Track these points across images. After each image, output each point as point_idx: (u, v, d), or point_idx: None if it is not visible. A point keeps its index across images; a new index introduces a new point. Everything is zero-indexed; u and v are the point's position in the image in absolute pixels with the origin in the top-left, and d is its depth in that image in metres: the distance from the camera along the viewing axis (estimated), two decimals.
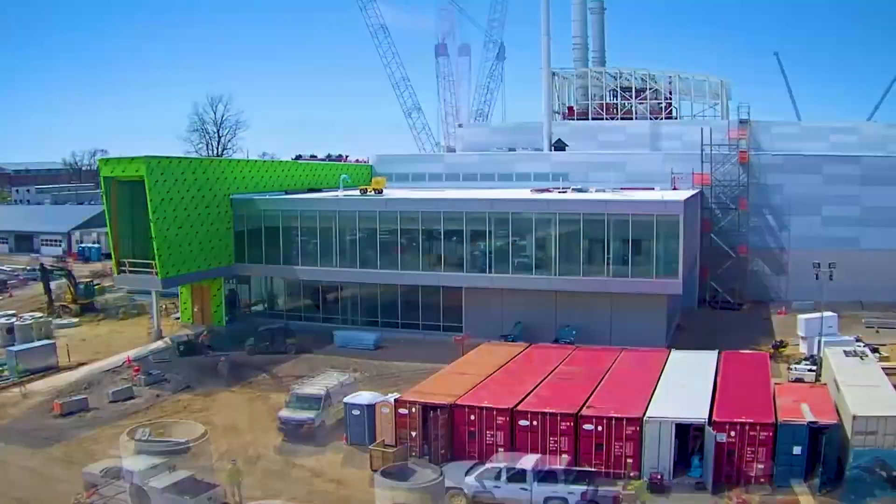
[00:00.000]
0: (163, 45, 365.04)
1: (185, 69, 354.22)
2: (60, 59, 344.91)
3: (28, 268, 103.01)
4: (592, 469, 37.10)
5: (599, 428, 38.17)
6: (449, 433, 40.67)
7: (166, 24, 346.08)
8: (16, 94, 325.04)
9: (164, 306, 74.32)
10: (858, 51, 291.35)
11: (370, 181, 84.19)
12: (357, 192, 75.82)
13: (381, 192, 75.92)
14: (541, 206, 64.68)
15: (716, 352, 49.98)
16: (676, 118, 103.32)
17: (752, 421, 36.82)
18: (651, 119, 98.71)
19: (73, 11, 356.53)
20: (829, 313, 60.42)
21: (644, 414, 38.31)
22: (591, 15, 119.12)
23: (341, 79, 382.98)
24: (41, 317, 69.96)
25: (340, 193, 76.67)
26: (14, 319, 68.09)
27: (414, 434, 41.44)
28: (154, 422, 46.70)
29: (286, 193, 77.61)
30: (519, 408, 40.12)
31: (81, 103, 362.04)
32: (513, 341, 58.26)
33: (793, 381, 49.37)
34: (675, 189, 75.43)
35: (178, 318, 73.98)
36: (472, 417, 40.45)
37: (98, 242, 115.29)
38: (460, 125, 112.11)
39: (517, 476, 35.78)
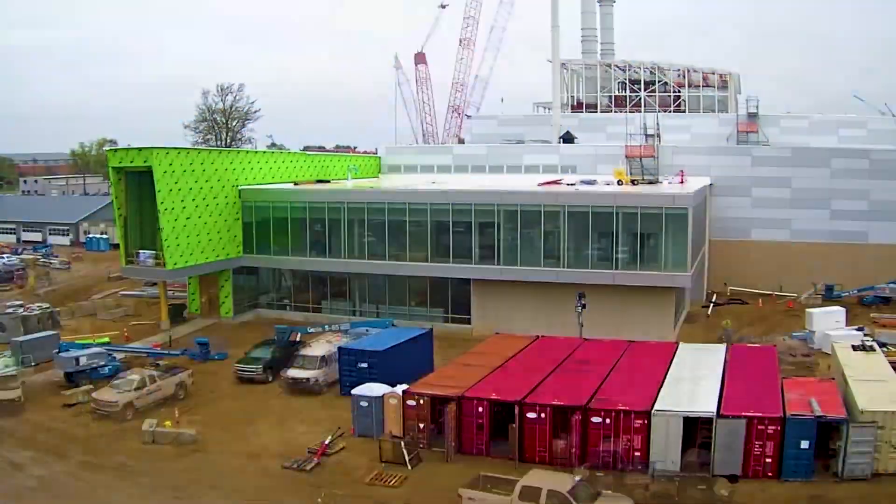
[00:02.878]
0: (170, 36, 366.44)
1: (194, 60, 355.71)
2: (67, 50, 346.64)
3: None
4: None
5: (608, 420, 38.17)
6: (458, 425, 40.68)
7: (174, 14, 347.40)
8: (22, 85, 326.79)
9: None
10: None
11: (378, 172, 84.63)
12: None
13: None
14: (550, 199, 64.68)
15: (724, 345, 49.98)
16: (685, 111, 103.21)
17: (760, 415, 36.81)
18: (660, 112, 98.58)
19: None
20: (837, 308, 60.50)
21: (652, 407, 38.32)
22: (600, 7, 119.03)
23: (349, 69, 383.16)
24: (48, 307, 70.13)
25: (349, 184, 76.77)
26: (21, 310, 68.24)
27: (422, 426, 41.55)
28: None
29: (294, 185, 77.60)
30: (527, 400, 40.15)
31: (89, 93, 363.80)
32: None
33: None
34: (682, 182, 75.29)
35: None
36: (481, 409, 40.50)
37: (106, 233, 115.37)
38: (469, 116, 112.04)
39: None
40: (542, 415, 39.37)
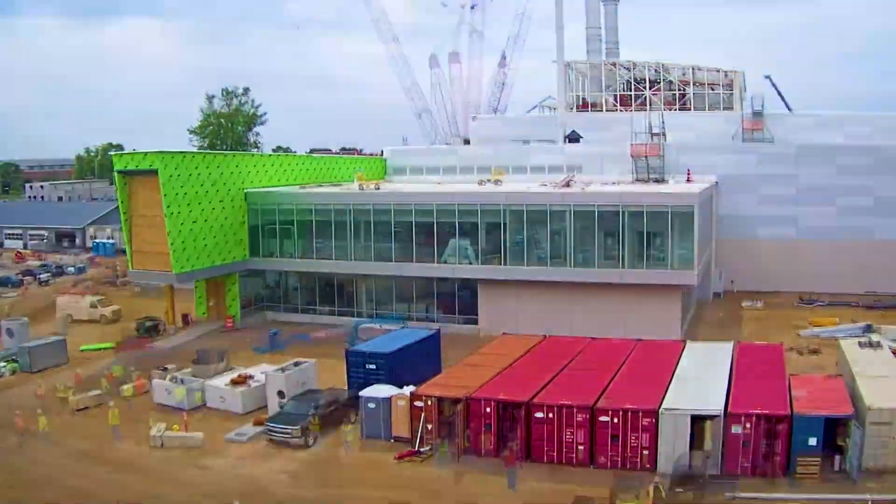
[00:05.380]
0: (174, 38, 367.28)
1: (198, 63, 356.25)
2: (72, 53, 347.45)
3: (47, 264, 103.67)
4: None
5: (615, 420, 38.15)
6: (465, 426, 40.71)
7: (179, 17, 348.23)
8: (26, 89, 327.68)
9: None
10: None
11: (384, 174, 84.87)
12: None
13: (499, 182, 77.70)
14: (555, 199, 64.75)
15: (731, 343, 49.97)
16: (690, 109, 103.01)
17: (767, 412, 36.79)
18: (665, 110, 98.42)
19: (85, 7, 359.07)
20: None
21: (660, 406, 38.34)
22: (604, 6, 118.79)
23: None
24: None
25: (355, 186, 76.94)
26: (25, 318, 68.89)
27: (430, 427, 41.58)
28: None
29: (301, 187, 77.71)
30: (535, 400, 40.17)
31: (94, 98, 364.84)
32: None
33: None
34: (689, 181, 75.28)
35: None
36: (488, 410, 40.53)
37: (112, 238, 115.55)
38: (474, 117, 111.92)
39: None
40: (550, 415, 39.43)
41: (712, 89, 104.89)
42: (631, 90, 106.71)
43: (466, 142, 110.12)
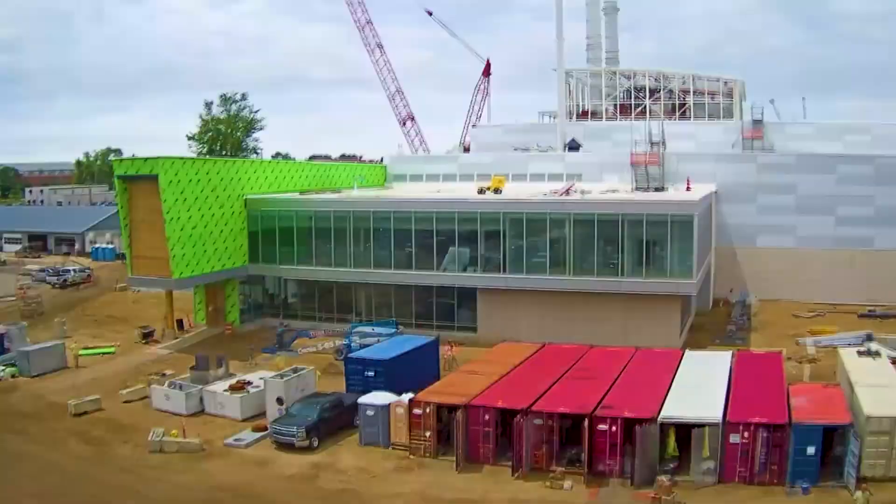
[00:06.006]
0: (174, 43, 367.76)
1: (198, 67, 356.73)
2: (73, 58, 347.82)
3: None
4: None
5: (614, 428, 38.15)
6: (464, 433, 40.67)
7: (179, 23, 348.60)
8: (27, 94, 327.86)
9: None
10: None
11: (384, 181, 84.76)
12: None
13: (499, 191, 76.70)
14: (555, 207, 64.71)
15: (730, 352, 50.00)
16: (690, 118, 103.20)
17: (765, 421, 36.79)
18: (665, 119, 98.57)
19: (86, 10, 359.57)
20: None
21: (658, 414, 38.33)
22: (603, 16, 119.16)
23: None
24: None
25: (355, 192, 76.91)
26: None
27: (428, 434, 41.54)
28: None
29: (300, 194, 77.72)
30: (533, 408, 40.15)
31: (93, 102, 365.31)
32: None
33: None
34: (688, 189, 75.29)
35: None
36: (487, 417, 40.50)
37: (112, 243, 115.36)
38: (474, 125, 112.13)
39: None
40: (550, 422, 39.42)
41: (712, 98, 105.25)
42: (631, 99, 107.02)
43: (466, 149, 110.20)
